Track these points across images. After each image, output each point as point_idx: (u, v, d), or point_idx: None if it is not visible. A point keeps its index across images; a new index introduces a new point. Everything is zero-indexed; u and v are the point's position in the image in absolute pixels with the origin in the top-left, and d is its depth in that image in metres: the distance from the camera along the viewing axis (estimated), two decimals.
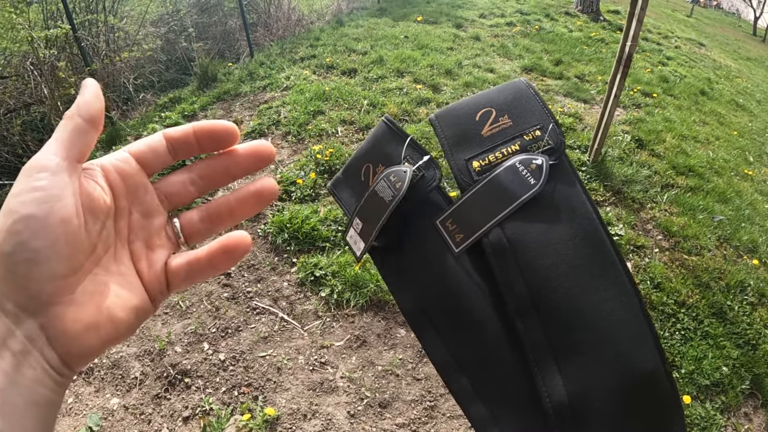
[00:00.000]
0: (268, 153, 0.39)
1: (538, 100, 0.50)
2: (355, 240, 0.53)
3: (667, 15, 13.50)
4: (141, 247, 0.37)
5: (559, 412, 0.42)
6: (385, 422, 2.32)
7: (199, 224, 0.39)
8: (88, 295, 0.32)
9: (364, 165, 0.55)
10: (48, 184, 0.30)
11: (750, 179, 4.91)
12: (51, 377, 0.30)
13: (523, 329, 0.44)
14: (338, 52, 6.43)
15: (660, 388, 0.42)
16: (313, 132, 4.51)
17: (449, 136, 0.51)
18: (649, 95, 6.15)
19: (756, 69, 11.00)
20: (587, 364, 0.42)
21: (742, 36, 16.18)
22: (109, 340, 0.32)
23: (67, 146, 0.32)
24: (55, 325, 0.30)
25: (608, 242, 0.45)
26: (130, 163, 0.36)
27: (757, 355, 2.81)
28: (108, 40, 5.47)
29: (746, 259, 3.56)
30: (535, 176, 0.45)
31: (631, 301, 0.43)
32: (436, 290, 0.49)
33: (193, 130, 0.37)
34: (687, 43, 10.04)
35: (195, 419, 2.30)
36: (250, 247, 0.38)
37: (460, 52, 6.73)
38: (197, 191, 0.39)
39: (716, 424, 2.44)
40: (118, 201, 0.35)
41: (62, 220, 0.30)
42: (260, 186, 0.39)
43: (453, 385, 0.48)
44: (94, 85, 0.34)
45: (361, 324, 2.79)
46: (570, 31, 8.39)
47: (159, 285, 0.37)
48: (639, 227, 3.69)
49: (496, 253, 0.45)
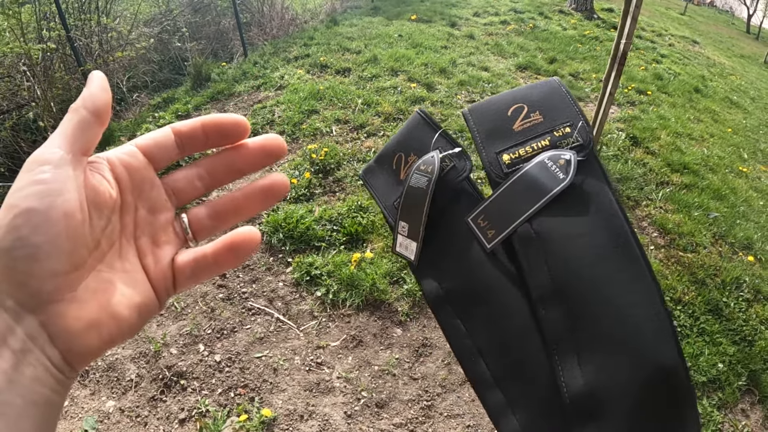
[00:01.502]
0: (278, 148, 0.39)
1: (570, 98, 0.51)
2: (406, 245, 0.54)
3: (661, 13, 13.54)
4: (147, 243, 0.36)
5: (577, 403, 0.42)
6: (382, 422, 2.32)
7: (207, 220, 0.38)
8: (90, 293, 0.31)
9: (396, 154, 0.56)
10: (50, 178, 0.29)
11: (745, 176, 4.92)
12: (53, 376, 0.29)
13: (545, 318, 0.44)
14: (332, 51, 6.41)
15: (679, 384, 0.42)
16: (307, 131, 4.49)
17: (482, 129, 0.52)
18: (644, 93, 6.16)
19: (749, 66, 11.05)
20: (608, 357, 0.43)
21: (735, 33, 16.26)
22: (112, 339, 0.32)
23: (72, 139, 0.31)
24: (57, 322, 0.29)
25: (633, 238, 0.45)
26: (138, 157, 0.35)
27: (753, 352, 2.82)
28: (101, 40, 5.43)
29: (741, 256, 3.56)
30: (563, 171, 0.46)
31: (653, 297, 0.44)
32: (464, 279, 0.50)
33: (201, 124, 0.36)
34: (681, 40, 10.08)
35: (191, 421, 2.29)
36: (258, 244, 0.37)
37: (454, 51, 6.73)
38: (204, 187, 0.38)
39: (713, 421, 2.44)
40: (124, 195, 0.34)
41: (65, 215, 0.29)
42: (271, 182, 0.38)
43: (472, 371, 0.48)
44: (101, 77, 0.34)
45: (357, 324, 2.78)
46: (564, 29, 8.41)
47: (165, 282, 0.36)
48: (634, 225, 3.69)
49: (522, 243, 0.46)
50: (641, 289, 0.44)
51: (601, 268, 0.44)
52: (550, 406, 0.44)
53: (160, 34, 6.53)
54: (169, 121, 4.76)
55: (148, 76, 6.11)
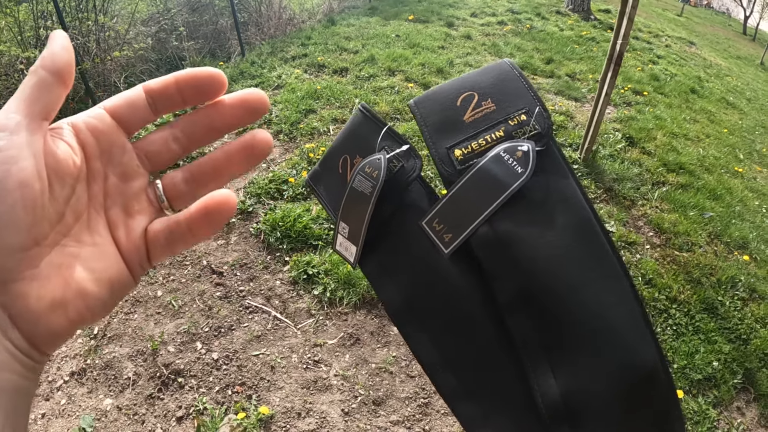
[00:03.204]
0: (259, 102, 0.35)
1: (524, 82, 0.47)
2: (346, 246, 0.51)
3: (658, 14, 13.58)
4: (119, 214, 0.33)
5: (553, 412, 0.40)
6: (380, 420, 2.32)
7: (183, 185, 0.35)
8: (54, 269, 0.28)
9: (341, 156, 0.51)
10: (5, 145, 0.26)
11: (740, 176, 4.95)
12: (18, 360, 0.27)
13: (513, 325, 0.42)
14: (329, 51, 6.42)
15: (659, 383, 0.41)
16: (304, 131, 4.50)
17: (430, 123, 0.48)
18: (640, 93, 6.18)
19: (746, 67, 11.09)
20: (582, 361, 0.40)
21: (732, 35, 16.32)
22: (82, 319, 0.29)
23: (29, 102, 0.28)
24: (18, 303, 0.27)
25: (601, 233, 0.43)
26: (105, 120, 0.32)
27: (748, 350, 2.83)
28: (98, 39, 5.42)
29: (737, 255, 3.58)
30: (521, 164, 0.42)
31: (626, 295, 0.42)
32: (424, 288, 0.46)
33: (175, 80, 0.33)
34: (677, 41, 10.11)
35: (189, 419, 2.29)
36: (233, 208, 0.34)
37: (451, 51, 6.74)
38: (181, 149, 0.35)
39: (709, 418, 2.45)
40: (90, 162, 0.31)
41: (20, 184, 0.26)
42: (251, 138, 0.35)
43: (441, 385, 0.45)
44: (62, 36, 0.30)
45: (354, 322, 2.79)
46: (561, 29, 8.42)
47: (138, 255, 0.33)
48: (630, 224, 3.71)
49: (483, 248, 0.43)
50: (613, 288, 0.41)
51: (569, 268, 0.41)
52: (527, 415, 0.42)
53: (157, 33, 6.52)
54: (166, 120, 4.75)
55: (145, 75, 6.10)
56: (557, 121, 4.96)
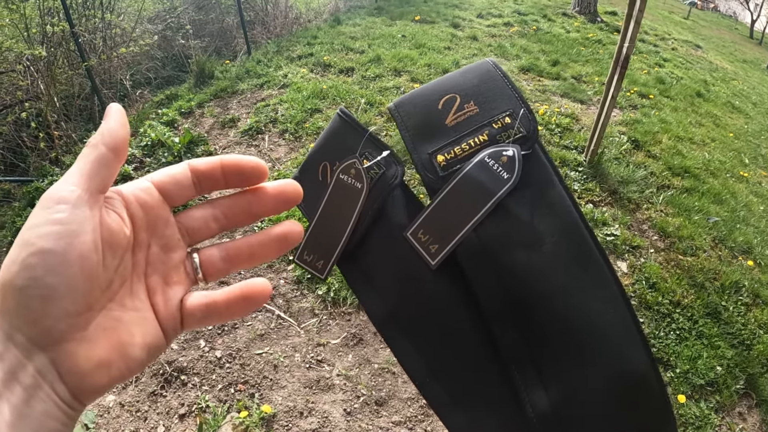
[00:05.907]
0: (295, 194, 0.37)
1: (508, 83, 0.45)
2: (316, 257, 0.49)
3: (664, 17, 13.54)
4: (158, 282, 0.35)
5: (544, 422, 0.40)
6: (382, 420, 2.33)
7: (220, 263, 0.37)
8: (101, 331, 0.30)
9: (321, 163, 0.50)
10: (67, 218, 0.29)
11: (745, 181, 4.93)
12: (61, 410, 0.29)
13: (501, 335, 0.41)
14: (335, 51, 6.42)
15: (651, 390, 0.40)
16: (310, 130, 4.51)
17: (410, 127, 0.46)
18: (646, 96, 6.16)
19: (752, 71, 11.05)
20: (571, 370, 0.40)
21: (738, 38, 16.25)
22: (120, 377, 0.31)
23: (89, 177, 0.30)
24: (67, 361, 0.29)
25: (589, 237, 0.42)
26: (153, 194, 0.34)
27: (751, 355, 2.82)
28: (105, 36, 5.44)
29: (741, 260, 3.57)
30: (507, 170, 0.41)
31: (616, 302, 0.41)
32: (410, 299, 0.46)
33: (220, 164, 0.35)
34: (684, 45, 10.07)
35: (191, 416, 2.30)
36: (269, 296, 0.36)
37: (457, 52, 6.73)
38: (219, 228, 0.37)
39: (711, 424, 2.45)
40: (137, 233, 0.34)
41: (80, 256, 0.29)
42: (286, 230, 0.37)
43: (428, 393, 0.45)
44: (119, 111, 0.33)
45: (358, 322, 2.79)
46: (567, 31, 8.41)
47: (173, 322, 0.35)
48: (635, 227, 3.70)
49: (468, 257, 0.42)
50: (603, 296, 0.41)
51: (558, 276, 0.40)
52: (515, 422, 0.42)
53: (163, 31, 6.54)
54: (172, 117, 4.77)
55: (151, 72, 6.12)
56: (562, 123, 4.95)
